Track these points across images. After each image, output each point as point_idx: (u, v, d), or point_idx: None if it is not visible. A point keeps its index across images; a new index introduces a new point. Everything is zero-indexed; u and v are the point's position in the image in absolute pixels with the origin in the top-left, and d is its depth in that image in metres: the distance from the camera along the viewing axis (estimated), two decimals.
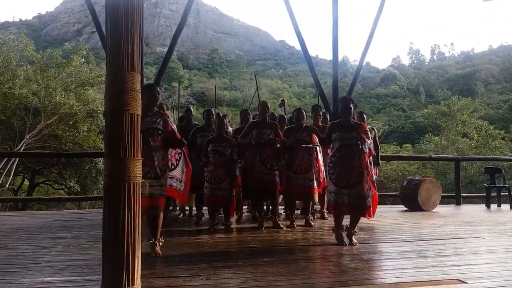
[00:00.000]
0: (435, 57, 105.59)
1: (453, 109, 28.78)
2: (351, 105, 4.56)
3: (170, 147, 4.10)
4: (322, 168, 5.70)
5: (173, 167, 4.30)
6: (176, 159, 4.37)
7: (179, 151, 4.35)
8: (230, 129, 6.62)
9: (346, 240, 4.41)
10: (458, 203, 9.06)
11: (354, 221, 4.50)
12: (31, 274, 3.16)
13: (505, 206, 8.67)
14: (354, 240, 4.44)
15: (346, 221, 4.53)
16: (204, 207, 5.80)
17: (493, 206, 8.67)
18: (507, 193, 8.70)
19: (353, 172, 4.36)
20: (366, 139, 4.45)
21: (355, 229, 4.51)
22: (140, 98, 2.59)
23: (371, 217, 4.44)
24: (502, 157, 16.76)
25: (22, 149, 15.51)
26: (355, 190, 4.33)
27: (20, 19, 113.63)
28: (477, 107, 34.21)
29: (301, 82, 76.64)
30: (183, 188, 4.41)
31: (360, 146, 4.31)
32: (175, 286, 2.88)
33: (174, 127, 4.15)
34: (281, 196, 5.93)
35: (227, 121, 6.55)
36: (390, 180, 21.32)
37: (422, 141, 27.52)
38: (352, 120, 4.61)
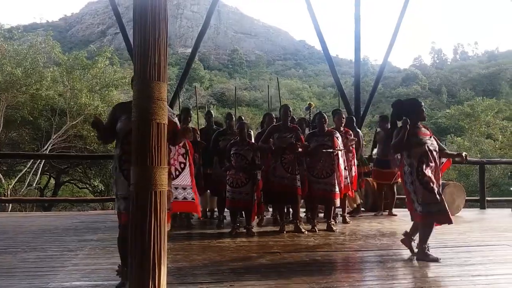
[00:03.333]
0: (458, 57, 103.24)
1: (477, 109, 28.14)
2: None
3: (171, 144, 3.16)
4: (343, 173, 5.67)
5: (177, 172, 3.72)
6: (181, 163, 3.79)
7: (183, 151, 3.79)
8: (251, 132, 6.65)
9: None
10: (482, 207, 8.85)
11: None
12: (60, 278, 3.26)
13: None
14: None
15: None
16: (226, 210, 5.85)
17: None
18: None
19: (440, 179, 4.17)
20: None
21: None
22: (167, 107, 2.64)
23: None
24: None
25: (48, 149, 15.95)
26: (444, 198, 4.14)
27: (47, 20, 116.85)
28: (502, 108, 33.21)
29: (321, 82, 76.15)
30: (193, 195, 3.87)
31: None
32: None
33: (176, 120, 3.28)
34: (303, 200, 5.91)
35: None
36: None
37: (444, 142, 26.98)
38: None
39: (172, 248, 4.24)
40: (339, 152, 5.60)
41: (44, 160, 16.48)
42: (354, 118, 7.26)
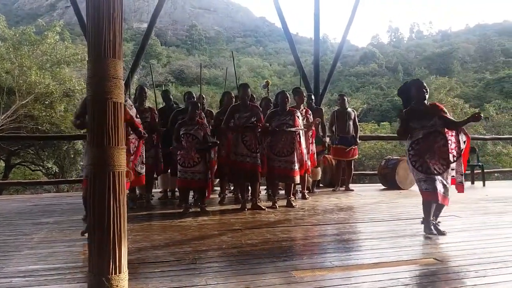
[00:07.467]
0: (413, 36, 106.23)
1: (431, 88, 29.13)
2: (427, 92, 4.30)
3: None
4: (304, 151, 5.77)
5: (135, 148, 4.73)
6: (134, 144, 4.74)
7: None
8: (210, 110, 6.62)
9: (435, 230, 4.09)
10: None
11: (439, 209, 4.21)
12: (15, 263, 3.14)
13: (478, 184, 8.98)
14: (443, 230, 4.12)
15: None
16: None
17: (467, 184, 8.94)
18: (480, 171, 9.00)
19: (442, 155, 4.06)
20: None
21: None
22: (123, 85, 2.57)
23: (446, 205, 4.14)
24: (475, 136, 17.20)
25: None
26: (447, 175, 4.09)
27: None
28: (453, 86, 34.82)
29: (281, 60, 76.28)
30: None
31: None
32: (161, 271, 2.92)
33: (133, 111, 4.65)
34: (263, 177, 5.99)
35: (203, 102, 6.45)
36: (368, 158, 21.71)
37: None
38: (426, 103, 4.23)
39: (132, 228, 4.20)
40: (300, 131, 5.69)
41: None
42: (312, 96, 7.36)
